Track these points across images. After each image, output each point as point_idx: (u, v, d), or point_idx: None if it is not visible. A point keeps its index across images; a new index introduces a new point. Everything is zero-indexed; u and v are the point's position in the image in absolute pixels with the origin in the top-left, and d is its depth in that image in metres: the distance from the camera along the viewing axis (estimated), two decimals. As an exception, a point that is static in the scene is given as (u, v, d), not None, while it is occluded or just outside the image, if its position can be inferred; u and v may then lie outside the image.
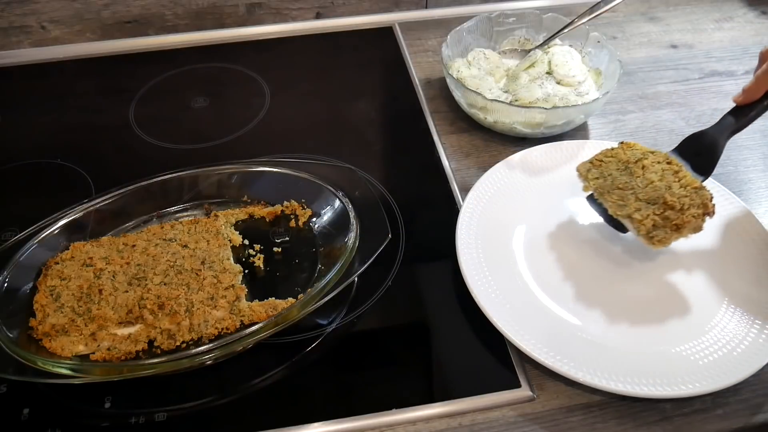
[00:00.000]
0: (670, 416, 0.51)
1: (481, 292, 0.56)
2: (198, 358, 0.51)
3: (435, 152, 0.74)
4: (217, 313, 0.55)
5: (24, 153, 0.76)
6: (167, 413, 0.51)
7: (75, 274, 0.57)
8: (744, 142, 0.76)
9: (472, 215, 0.63)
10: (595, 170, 0.60)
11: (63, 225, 0.61)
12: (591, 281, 0.60)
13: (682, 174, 0.57)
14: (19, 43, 0.91)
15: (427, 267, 0.63)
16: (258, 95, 0.84)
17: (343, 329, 0.57)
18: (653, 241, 0.55)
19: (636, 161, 0.58)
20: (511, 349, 0.55)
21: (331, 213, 0.64)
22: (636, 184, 0.57)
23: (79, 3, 0.89)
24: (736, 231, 0.63)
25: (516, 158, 0.69)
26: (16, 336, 0.53)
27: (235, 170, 0.67)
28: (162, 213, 0.66)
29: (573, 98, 0.74)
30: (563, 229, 0.64)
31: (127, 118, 0.81)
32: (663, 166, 0.58)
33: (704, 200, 0.55)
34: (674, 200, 0.54)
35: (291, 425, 0.50)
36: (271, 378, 0.54)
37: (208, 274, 0.57)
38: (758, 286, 0.58)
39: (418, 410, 0.51)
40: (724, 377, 0.51)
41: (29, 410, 0.51)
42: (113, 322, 0.54)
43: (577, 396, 0.52)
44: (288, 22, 0.96)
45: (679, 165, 0.58)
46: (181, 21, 0.93)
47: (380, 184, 0.69)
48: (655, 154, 0.59)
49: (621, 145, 0.61)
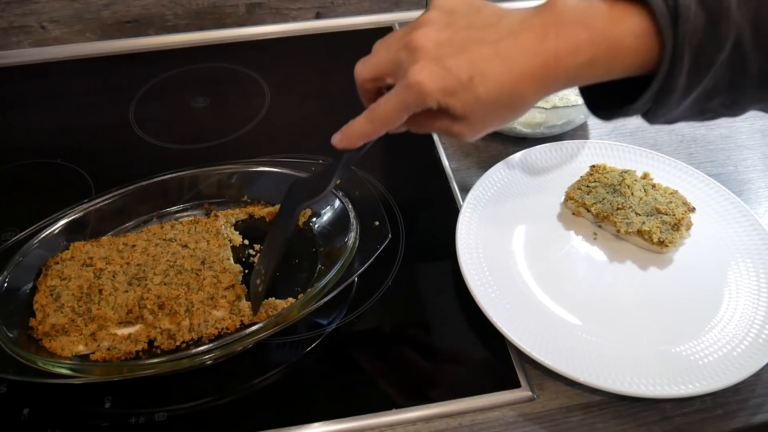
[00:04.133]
0: (670, 416, 0.51)
1: (481, 292, 0.56)
2: (198, 358, 0.51)
3: (435, 152, 0.74)
4: (217, 313, 0.55)
5: (24, 153, 0.76)
6: (167, 413, 0.51)
7: (75, 274, 0.57)
8: (744, 142, 0.76)
9: (472, 215, 0.63)
10: (588, 197, 0.64)
11: (63, 225, 0.61)
12: (591, 281, 0.60)
13: (657, 185, 0.65)
14: (19, 43, 0.91)
15: (427, 267, 0.63)
16: (258, 95, 0.84)
17: (343, 329, 0.57)
18: (664, 245, 0.60)
19: (620, 183, 0.64)
20: (511, 349, 0.55)
21: (331, 213, 0.64)
22: (631, 203, 0.63)
23: (79, 3, 0.89)
24: (736, 231, 0.63)
25: (516, 158, 0.69)
26: (16, 336, 0.53)
27: (235, 170, 0.67)
28: (162, 213, 0.66)
29: (573, 98, 0.74)
30: (563, 229, 0.64)
31: (127, 118, 0.81)
32: (642, 182, 0.65)
33: (683, 200, 0.64)
34: (665, 207, 0.62)
35: (291, 425, 0.50)
36: (271, 378, 0.54)
37: (208, 274, 0.57)
38: (758, 286, 0.58)
39: (418, 410, 0.51)
40: (724, 377, 0.51)
41: (29, 410, 0.51)
42: (113, 322, 0.54)
43: (577, 396, 0.52)
44: (288, 22, 0.96)
45: (651, 178, 0.66)
46: (181, 21, 0.93)
47: (380, 184, 0.69)
48: (628, 173, 0.66)
49: (592, 169, 0.67)
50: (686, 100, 0.41)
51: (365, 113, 0.46)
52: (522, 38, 0.41)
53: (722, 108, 0.43)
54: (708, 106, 0.42)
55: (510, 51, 0.41)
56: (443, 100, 0.42)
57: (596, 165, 0.67)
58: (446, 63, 0.41)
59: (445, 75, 0.41)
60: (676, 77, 0.39)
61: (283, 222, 0.55)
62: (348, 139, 0.47)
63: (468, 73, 0.41)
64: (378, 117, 0.46)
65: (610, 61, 0.40)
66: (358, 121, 0.47)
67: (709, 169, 0.72)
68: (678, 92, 0.40)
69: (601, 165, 0.67)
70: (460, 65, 0.41)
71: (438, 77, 0.41)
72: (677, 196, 0.64)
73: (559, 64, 0.40)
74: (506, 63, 0.41)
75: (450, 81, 0.41)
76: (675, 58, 0.38)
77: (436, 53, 0.41)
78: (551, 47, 0.40)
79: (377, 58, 0.45)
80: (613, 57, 0.40)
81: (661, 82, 0.39)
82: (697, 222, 0.63)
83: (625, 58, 0.40)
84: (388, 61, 0.44)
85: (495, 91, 0.41)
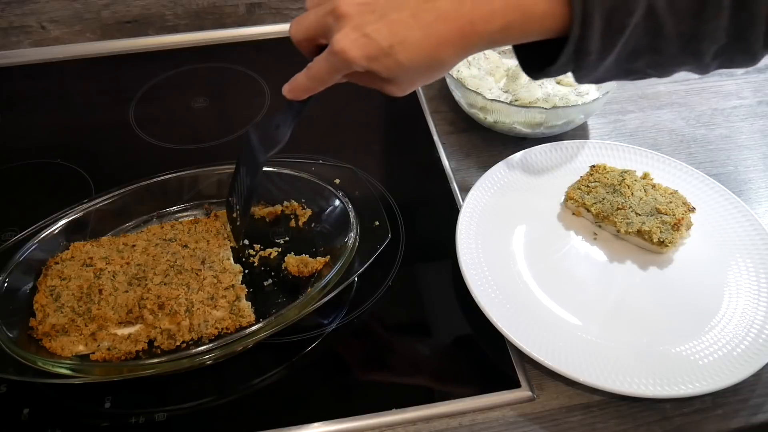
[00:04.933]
0: (670, 416, 0.51)
1: (481, 292, 0.56)
2: (198, 358, 0.51)
3: (435, 152, 0.74)
4: (217, 313, 0.55)
5: (24, 153, 0.76)
6: (167, 413, 0.51)
7: (75, 274, 0.57)
8: (744, 142, 0.76)
9: (472, 215, 0.63)
10: (588, 197, 0.64)
11: (63, 225, 0.61)
12: (591, 281, 0.60)
13: (657, 185, 0.65)
14: (19, 43, 0.91)
15: (427, 267, 0.63)
16: (258, 95, 0.84)
17: (343, 329, 0.57)
18: (664, 245, 0.60)
19: (620, 183, 0.65)
20: (511, 349, 0.55)
21: (331, 213, 0.64)
22: (631, 203, 0.63)
23: (79, 3, 0.89)
24: (736, 231, 0.63)
25: (516, 158, 0.69)
26: (16, 336, 0.53)
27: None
28: (162, 213, 0.65)
29: (573, 98, 0.74)
30: (563, 229, 0.64)
31: (127, 118, 0.81)
32: (642, 182, 0.66)
33: (683, 200, 0.64)
34: (665, 207, 0.62)
35: (291, 425, 0.50)
36: (271, 378, 0.54)
37: (208, 274, 0.57)
38: (758, 286, 0.58)
39: (418, 410, 0.51)
40: (724, 377, 0.51)
41: (29, 410, 0.51)
42: (113, 322, 0.54)
43: (577, 396, 0.52)
44: (288, 22, 0.96)
45: (651, 178, 0.66)
46: (181, 21, 0.93)
47: (380, 184, 0.69)
48: (628, 173, 0.66)
49: (592, 169, 0.67)
50: (605, 61, 0.42)
51: (305, 70, 0.49)
52: (439, 4, 0.42)
53: (649, 69, 0.44)
54: (633, 67, 0.44)
55: (428, 17, 0.42)
56: (368, 65, 0.44)
57: (596, 165, 0.67)
58: (367, 30, 0.43)
59: (366, 42, 0.43)
60: (588, 40, 0.40)
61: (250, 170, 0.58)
62: (293, 92, 0.50)
63: (388, 41, 0.43)
64: (314, 76, 0.48)
65: (524, 26, 0.42)
66: (300, 76, 0.50)
67: (709, 169, 0.72)
68: (594, 54, 0.41)
69: (601, 165, 0.67)
70: (380, 32, 0.43)
71: (360, 45, 0.43)
72: (677, 196, 0.64)
73: (474, 29, 0.42)
74: (424, 29, 0.42)
75: (372, 48, 0.43)
76: (585, 21, 0.40)
77: (359, 20, 0.43)
78: (467, 13, 0.41)
79: (308, 20, 0.47)
80: (526, 22, 0.41)
81: (575, 45, 0.41)
82: (697, 222, 0.63)
83: (539, 23, 0.41)
84: (317, 24, 0.46)
85: (415, 56, 0.43)
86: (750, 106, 0.82)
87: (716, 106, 0.81)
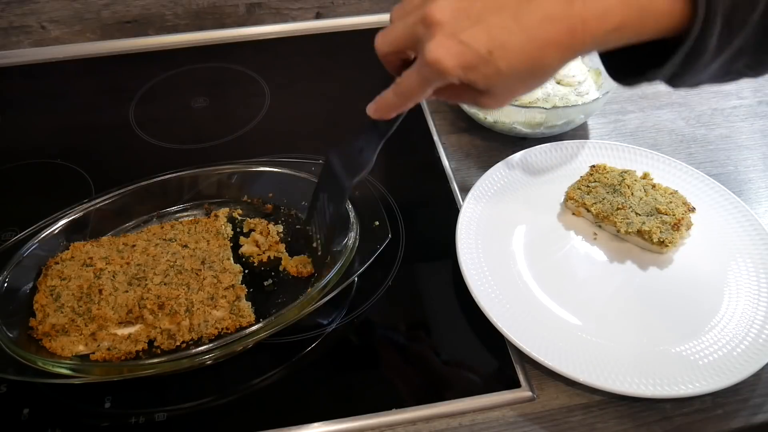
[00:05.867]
0: (670, 416, 0.51)
1: (481, 292, 0.56)
2: (198, 358, 0.51)
3: (435, 152, 0.74)
4: (217, 313, 0.55)
5: (24, 153, 0.76)
6: (167, 413, 0.51)
7: (75, 274, 0.57)
8: (744, 142, 0.76)
9: (472, 215, 0.63)
10: (588, 197, 0.64)
11: (63, 225, 0.61)
12: (591, 281, 0.60)
13: (657, 185, 0.65)
14: (19, 43, 0.91)
15: (427, 267, 0.63)
16: (258, 95, 0.84)
17: (343, 329, 0.57)
18: (664, 245, 0.60)
19: (620, 183, 0.65)
20: (511, 349, 0.55)
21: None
22: (631, 203, 0.63)
23: (79, 3, 0.89)
24: (736, 231, 0.63)
25: (516, 158, 0.69)
26: (16, 336, 0.53)
27: (235, 170, 0.67)
28: (162, 213, 0.65)
29: (573, 98, 0.74)
30: (563, 229, 0.64)
31: (127, 118, 0.81)
32: (642, 182, 0.66)
33: (683, 200, 0.64)
34: (665, 207, 0.62)
35: (291, 425, 0.50)
36: (271, 378, 0.54)
37: (208, 274, 0.57)
38: (758, 286, 0.58)
39: (418, 410, 0.51)
40: (724, 377, 0.51)
41: (29, 410, 0.51)
42: (113, 322, 0.54)
43: (577, 396, 0.52)
44: (288, 22, 0.96)
45: (651, 178, 0.66)
46: (181, 21, 0.93)
47: (380, 184, 0.69)
48: (628, 173, 0.66)
49: (592, 169, 0.67)
50: (714, 62, 0.40)
51: (392, 87, 0.45)
52: (545, 4, 0.38)
53: (746, 69, 0.42)
54: (733, 67, 0.41)
55: (532, 18, 0.38)
56: (464, 76, 0.40)
57: (596, 165, 0.67)
58: (463, 37, 0.39)
59: (463, 50, 0.39)
60: (707, 39, 0.37)
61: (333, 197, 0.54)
62: (380, 111, 0.47)
63: (487, 46, 0.39)
64: (403, 92, 0.44)
65: (640, 24, 0.38)
66: (388, 93, 0.46)
67: (709, 169, 0.72)
68: (708, 54, 0.38)
69: (601, 165, 0.67)
70: (478, 38, 0.39)
71: (456, 53, 0.39)
72: (677, 196, 0.64)
73: (586, 29, 0.38)
74: (527, 32, 0.38)
75: (469, 56, 0.39)
76: (708, 18, 0.37)
77: (453, 27, 0.39)
78: (578, 12, 0.38)
79: (395, 32, 0.44)
80: (643, 20, 0.38)
81: (692, 44, 0.38)
82: (697, 222, 0.63)
83: (656, 21, 0.38)
84: (405, 35, 0.43)
85: (517, 63, 0.39)
86: (750, 106, 0.82)
87: (716, 106, 0.81)
